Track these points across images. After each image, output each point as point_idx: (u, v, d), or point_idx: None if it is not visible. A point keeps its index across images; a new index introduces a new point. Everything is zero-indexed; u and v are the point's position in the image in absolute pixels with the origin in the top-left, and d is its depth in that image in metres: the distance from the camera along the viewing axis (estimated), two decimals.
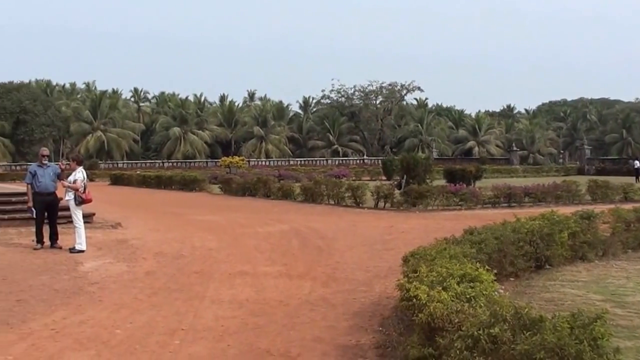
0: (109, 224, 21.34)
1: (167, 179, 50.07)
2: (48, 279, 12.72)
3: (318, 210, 28.48)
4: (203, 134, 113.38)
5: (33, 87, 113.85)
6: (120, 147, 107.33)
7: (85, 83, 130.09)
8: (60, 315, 9.93)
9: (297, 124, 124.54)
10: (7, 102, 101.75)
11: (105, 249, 16.55)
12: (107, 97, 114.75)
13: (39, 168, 16.79)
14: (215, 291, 11.55)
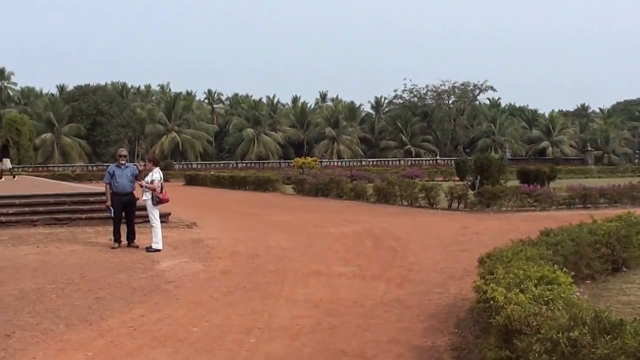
0: (184, 223, 21.59)
1: (241, 179, 50.36)
2: (126, 277, 12.95)
3: (391, 211, 28.39)
4: (276, 135, 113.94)
5: (109, 89, 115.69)
6: (194, 148, 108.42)
7: (159, 85, 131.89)
8: (138, 312, 10.10)
9: (369, 125, 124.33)
10: (83, 105, 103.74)
11: (181, 248, 16.77)
12: (182, 99, 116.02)
13: (117, 168, 17.09)
14: (290, 290, 11.62)
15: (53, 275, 12.98)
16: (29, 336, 8.81)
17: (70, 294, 11.35)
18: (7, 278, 12.76)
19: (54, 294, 11.35)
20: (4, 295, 11.22)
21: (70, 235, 18.96)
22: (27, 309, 10.24)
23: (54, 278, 12.72)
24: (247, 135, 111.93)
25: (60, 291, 11.54)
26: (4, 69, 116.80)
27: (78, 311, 10.14)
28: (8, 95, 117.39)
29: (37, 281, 12.42)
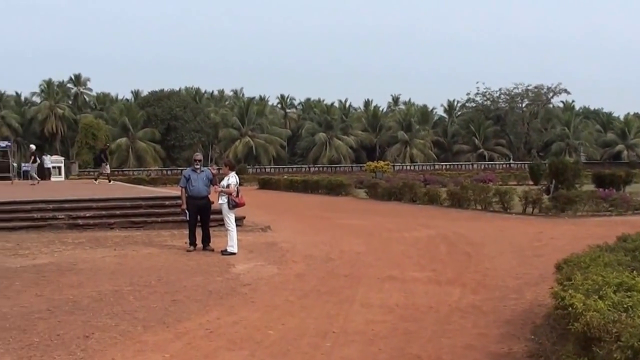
0: (259, 227, 21.73)
1: (314, 183, 50.43)
2: (202, 280, 13.09)
3: (465, 215, 28.19)
4: (348, 139, 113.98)
5: (183, 94, 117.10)
6: (267, 152, 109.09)
7: (233, 90, 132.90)
8: (214, 315, 10.21)
9: (442, 128, 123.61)
10: (158, 110, 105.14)
11: (256, 252, 16.88)
12: (255, 104, 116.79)
13: (193, 173, 17.30)
14: (364, 295, 11.62)
15: (130, 278, 13.20)
16: (107, 337, 8.97)
17: (148, 296, 11.53)
18: (86, 280, 13.01)
19: (132, 296, 11.54)
20: (82, 297, 11.44)
21: (146, 238, 19.24)
22: (106, 311, 10.42)
23: (131, 280, 12.93)
24: (320, 140, 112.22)
25: (138, 293, 11.73)
26: (80, 75, 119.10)
27: (155, 313, 10.29)
28: (84, 101, 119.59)
29: (115, 283, 12.64)
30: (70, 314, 10.26)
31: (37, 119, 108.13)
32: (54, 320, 9.86)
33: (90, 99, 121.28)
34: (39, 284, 12.65)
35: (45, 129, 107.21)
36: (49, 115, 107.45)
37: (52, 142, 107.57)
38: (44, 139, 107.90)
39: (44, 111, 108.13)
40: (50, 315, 10.15)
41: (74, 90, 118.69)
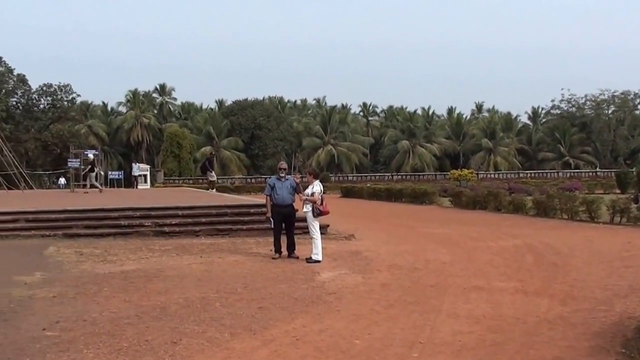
0: (343, 235, 21.73)
1: (397, 191, 50.24)
2: (287, 287, 13.13)
3: (551, 224, 27.71)
4: (431, 146, 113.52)
5: (266, 103, 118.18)
6: (350, 160, 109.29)
7: (315, 99, 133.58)
8: (300, 323, 10.23)
9: (526, 136, 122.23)
10: (242, 119, 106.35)
11: (340, 260, 16.87)
12: (337, 112, 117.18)
13: (278, 181, 17.39)
14: (451, 305, 11.50)
15: (217, 285, 13.31)
16: (195, 344, 9.05)
17: (234, 303, 11.60)
18: (173, 287, 13.16)
19: (218, 302, 11.62)
20: (170, 303, 11.57)
21: (231, 246, 19.41)
22: (193, 317, 10.52)
23: (218, 287, 13.04)
24: (402, 147, 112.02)
25: (224, 300, 11.81)
26: (165, 85, 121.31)
27: (242, 320, 10.35)
28: (169, 110, 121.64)
29: (202, 290, 12.76)
30: (158, 319, 10.39)
31: (123, 128, 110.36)
32: (142, 326, 9.99)
33: (175, 109, 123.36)
34: (127, 290, 12.85)
35: (131, 137, 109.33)
36: (135, 125, 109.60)
37: (137, 150, 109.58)
38: (129, 148, 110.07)
39: (130, 120, 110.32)
40: (138, 321, 10.29)
41: (159, 99, 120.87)
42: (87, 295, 12.37)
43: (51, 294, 12.54)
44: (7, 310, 11.13)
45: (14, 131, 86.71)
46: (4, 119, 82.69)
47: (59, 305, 11.49)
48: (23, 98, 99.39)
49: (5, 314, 10.82)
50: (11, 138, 74.72)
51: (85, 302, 11.75)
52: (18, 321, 10.37)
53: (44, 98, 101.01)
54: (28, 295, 12.45)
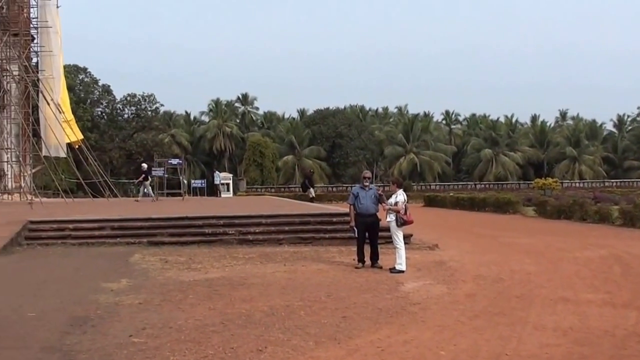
0: (426, 245, 21.57)
1: (480, 200, 49.72)
2: (371, 297, 13.08)
3: (638, 235, 27.10)
4: (514, 155, 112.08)
5: (348, 112, 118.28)
6: (432, 169, 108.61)
7: (397, 107, 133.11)
8: (384, 333, 10.17)
9: (612, 144, 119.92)
10: (323, 128, 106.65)
11: (424, 270, 16.75)
12: (419, 121, 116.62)
13: (361, 190, 17.34)
14: (537, 317, 11.32)
15: (300, 293, 13.33)
16: (280, 352, 9.08)
17: (318, 311, 11.61)
18: (257, 295, 13.23)
19: (302, 311, 11.64)
20: (255, 311, 11.63)
21: (314, 254, 19.44)
22: (277, 325, 10.56)
23: (302, 296, 13.06)
24: (485, 156, 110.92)
25: (308, 309, 11.83)
26: (247, 94, 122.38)
27: (326, 329, 10.35)
28: (252, 120, 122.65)
29: (286, 298, 12.80)
30: (243, 327, 10.45)
31: (206, 137, 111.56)
32: (227, 334, 10.06)
33: (257, 118, 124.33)
34: (211, 298, 12.96)
35: (213, 146, 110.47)
36: (218, 134, 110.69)
37: (220, 159, 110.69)
38: (212, 156, 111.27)
39: (212, 129, 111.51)
40: (223, 329, 10.36)
41: (241, 109, 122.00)
42: (172, 303, 12.51)
43: (137, 300, 12.72)
44: (95, 316, 11.33)
45: (98, 140, 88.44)
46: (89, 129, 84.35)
47: (144, 312, 11.65)
48: (108, 108, 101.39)
49: (93, 320, 11.01)
50: (96, 147, 76.22)
51: (171, 310, 11.88)
52: (105, 327, 10.54)
53: (128, 108, 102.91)
54: (114, 301, 12.65)
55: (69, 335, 10.05)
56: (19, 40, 47.35)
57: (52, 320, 11.02)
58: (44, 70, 47.94)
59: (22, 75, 46.47)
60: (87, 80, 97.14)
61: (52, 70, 47.59)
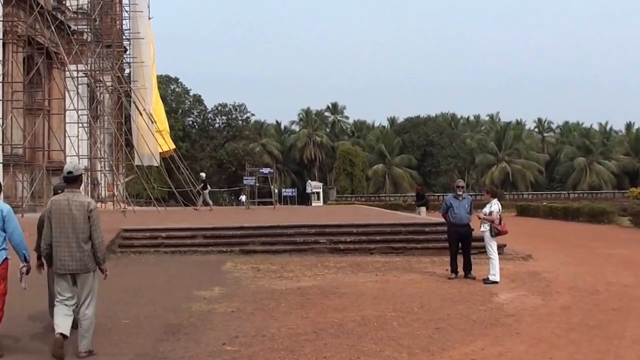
0: (520, 255, 21.21)
1: (574, 210, 48.76)
2: (464, 308, 12.91)
3: None
4: (609, 163, 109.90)
5: (439, 120, 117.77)
6: (525, 178, 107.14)
7: (489, 115, 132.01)
8: (478, 345, 10.04)
9: None
10: (414, 136, 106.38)
11: (518, 281, 16.46)
12: (511, 129, 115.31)
13: (455, 200, 17.16)
14: (635, 330, 11.03)
15: (393, 304, 13.23)
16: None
17: (411, 322, 11.51)
18: (349, 304, 13.20)
19: (395, 322, 11.56)
20: (347, 320, 11.59)
21: (406, 264, 19.29)
22: (370, 336, 10.50)
23: (394, 306, 12.96)
24: (579, 165, 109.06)
25: (401, 319, 11.73)
26: (337, 103, 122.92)
27: (419, 340, 10.25)
28: (341, 129, 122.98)
29: (378, 308, 12.72)
30: (335, 337, 10.43)
31: (296, 146, 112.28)
32: (320, 343, 10.05)
33: (347, 127, 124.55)
34: (304, 306, 12.98)
35: (304, 155, 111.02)
36: (308, 143, 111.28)
37: (310, 168, 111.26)
38: (302, 166, 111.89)
39: (302, 139, 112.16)
40: (316, 338, 10.36)
41: (331, 118, 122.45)
42: (265, 311, 12.57)
43: (230, 309, 12.81)
44: (188, 324, 11.44)
45: (190, 149, 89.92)
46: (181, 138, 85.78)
47: (237, 320, 11.72)
48: (199, 117, 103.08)
49: (186, 328, 11.12)
50: (187, 156, 77.44)
51: (264, 318, 11.94)
52: (198, 335, 10.64)
53: (219, 117, 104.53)
54: (207, 309, 12.76)
55: (163, 342, 10.17)
56: (112, 52, 48.48)
57: (146, 328, 11.18)
58: (136, 80, 48.94)
59: (115, 86, 47.50)
60: (179, 91, 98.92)
61: (144, 81, 48.53)
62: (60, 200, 9.32)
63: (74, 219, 9.19)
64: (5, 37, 35.57)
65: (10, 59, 35.75)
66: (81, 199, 9.39)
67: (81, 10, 46.13)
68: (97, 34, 46.33)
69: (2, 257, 9.38)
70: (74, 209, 9.21)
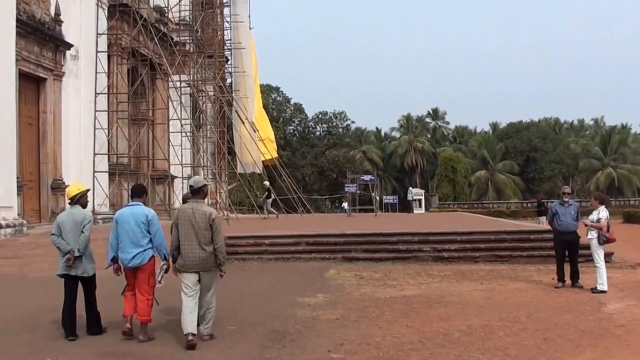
0: (628, 264, 20.67)
1: None
2: (572, 318, 12.62)
3: None
4: None
5: (542, 125, 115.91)
6: (631, 183, 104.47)
7: (593, 119, 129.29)
8: (588, 356, 9.83)
9: None
10: (517, 142, 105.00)
11: (627, 290, 15.99)
12: (617, 133, 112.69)
13: (561, 207, 16.83)
14: None
15: (499, 313, 13.03)
16: None
17: (518, 332, 11.31)
18: (455, 313, 13.06)
19: (502, 331, 11.37)
20: (453, 330, 11.47)
21: (511, 273, 18.98)
22: (477, 346, 10.36)
23: (500, 315, 12.76)
24: None
25: (508, 329, 11.54)
26: (437, 109, 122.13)
27: (527, 351, 10.07)
28: (442, 134, 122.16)
29: (484, 318, 12.55)
30: (441, 346, 10.32)
31: (397, 153, 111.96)
32: (426, 352, 9.97)
33: (448, 132, 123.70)
34: (408, 315, 12.90)
35: (405, 162, 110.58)
36: (409, 149, 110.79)
37: (411, 175, 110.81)
38: (403, 172, 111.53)
39: (403, 145, 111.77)
40: (422, 347, 10.28)
41: (432, 124, 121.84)
42: (369, 319, 12.54)
43: (334, 316, 12.83)
44: (293, 330, 11.51)
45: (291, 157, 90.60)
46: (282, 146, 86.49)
47: (342, 328, 11.73)
48: (300, 126, 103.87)
49: (292, 335, 11.19)
50: (289, 164, 78.05)
51: (368, 326, 11.91)
52: (304, 342, 10.69)
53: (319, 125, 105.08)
54: (312, 316, 12.81)
55: (269, 349, 10.26)
56: (213, 62, 49.17)
57: (251, 334, 11.29)
58: (238, 90, 49.53)
59: (217, 96, 48.18)
60: (280, 99, 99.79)
61: (245, 90, 49.05)
62: (186, 209, 10.79)
63: (197, 225, 10.59)
64: (110, 50, 36.40)
65: (115, 70, 36.58)
66: (204, 208, 10.78)
67: (183, 22, 46.88)
68: (199, 44, 47.02)
69: (149, 255, 11.02)
70: (197, 217, 10.61)
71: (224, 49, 51.06)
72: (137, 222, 10.94)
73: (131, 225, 10.93)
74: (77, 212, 11.39)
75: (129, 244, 10.91)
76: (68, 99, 33.11)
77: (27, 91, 30.41)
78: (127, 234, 10.93)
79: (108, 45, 36.00)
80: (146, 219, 10.98)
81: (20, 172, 28.22)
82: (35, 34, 30.28)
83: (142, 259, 10.91)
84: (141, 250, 10.91)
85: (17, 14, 27.24)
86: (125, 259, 10.93)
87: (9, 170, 25.70)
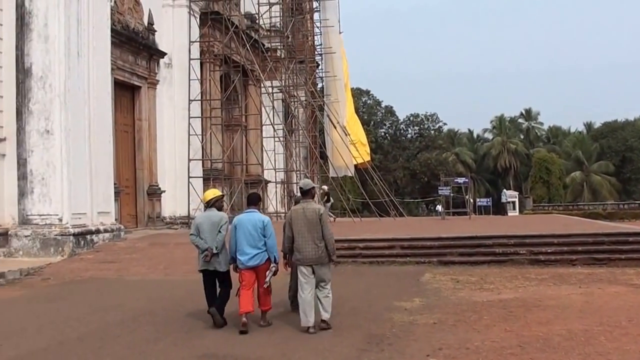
0: None
1: None
2: None
3: None
4: None
5: (638, 124, 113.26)
6: None
7: None
8: None
9: None
10: (612, 141, 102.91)
11: None
12: None
13: None
14: None
15: (599, 317, 12.79)
16: None
17: (619, 337, 11.09)
18: (554, 317, 12.88)
19: (603, 336, 11.17)
20: (552, 334, 11.32)
21: (610, 276, 18.60)
22: (577, 351, 10.21)
23: (601, 320, 12.53)
24: None
25: (609, 334, 11.32)
26: (530, 109, 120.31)
27: (629, 356, 9.89)
28: (536, 135, 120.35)
29: (584, 322, 12.34)
30: (541, 351, 10.21)
31: (490, 155, 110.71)
32: (526, 357, 9.89)
33: (541, 133, 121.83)
34: (507, 319, 12.78)
35: (498, 164, 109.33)
36: (502, 151, 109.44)
37: (504, 177, 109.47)
38: (496, 174, 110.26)
39: (496, 147, 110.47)
40: (522, 352, 10.18)
41: (524, 125, 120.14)
42: (467, 323, 12.47)
43: (431, 320, 12.80)
44: (390, 335, 11.55)
45: (382, 160, 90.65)
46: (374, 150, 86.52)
47: (440, 332, 11.71)
48: (391, 129, 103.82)
49: (389, 339, 11.22)
50: (380, 167, 78.09)
51: (466, 330, 11.85)
52: (402, 346, 10.70)
53: (411, 128, 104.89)
54: (409, 320, 12.81)
55: (367, 352, 10.32)
56: (304, 67, 49.63)
57: (348, 337, 11.38)
58: (329, 94, 49.92)
59: (308, 100, 48.60)
60: (370, 103, 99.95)
61: (337, 95, 49.39)
62: (298, 209, 12.17)
63: (309, 222, 11.98)
64: (203, 57, 37.07)
65: (208, 77, 37.24)
66: (313, 206, 12.23)
67: (274, 28, 47.43)
68: (290, 50, 47.48)
69: (266, 257, 12.25)
70: (308, 215, 12.00)
71: (315, 54, 51.47)
72: (254, 227, 12.18)
73: (249, 229, 12.19)
74: (213, 214, 12.84)
75: (247, 246, 12.18)
76: (162, 106, 33.89)
77: (122, 99, 31.23)
78: (245, 237, 12.19)
79: (200, 52, 36.65)
80: (262, 224, 12.26)
81: (117, 178, 28.99)
82: (130, 43, 31.09)
83: (260, 259, 12.20)
84: (259, 252, 12.19)
85: (112, 24, 27.98)
86: (244, 260, 12.19)
87: (106, 177, 26.42)
